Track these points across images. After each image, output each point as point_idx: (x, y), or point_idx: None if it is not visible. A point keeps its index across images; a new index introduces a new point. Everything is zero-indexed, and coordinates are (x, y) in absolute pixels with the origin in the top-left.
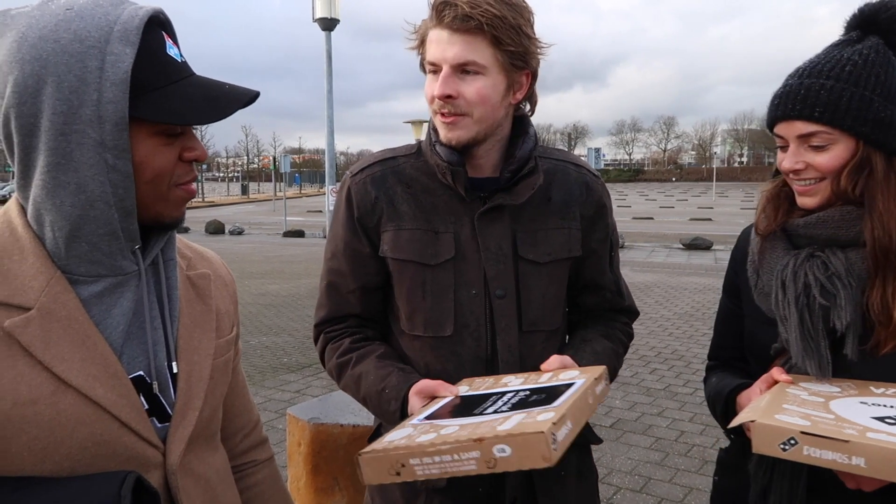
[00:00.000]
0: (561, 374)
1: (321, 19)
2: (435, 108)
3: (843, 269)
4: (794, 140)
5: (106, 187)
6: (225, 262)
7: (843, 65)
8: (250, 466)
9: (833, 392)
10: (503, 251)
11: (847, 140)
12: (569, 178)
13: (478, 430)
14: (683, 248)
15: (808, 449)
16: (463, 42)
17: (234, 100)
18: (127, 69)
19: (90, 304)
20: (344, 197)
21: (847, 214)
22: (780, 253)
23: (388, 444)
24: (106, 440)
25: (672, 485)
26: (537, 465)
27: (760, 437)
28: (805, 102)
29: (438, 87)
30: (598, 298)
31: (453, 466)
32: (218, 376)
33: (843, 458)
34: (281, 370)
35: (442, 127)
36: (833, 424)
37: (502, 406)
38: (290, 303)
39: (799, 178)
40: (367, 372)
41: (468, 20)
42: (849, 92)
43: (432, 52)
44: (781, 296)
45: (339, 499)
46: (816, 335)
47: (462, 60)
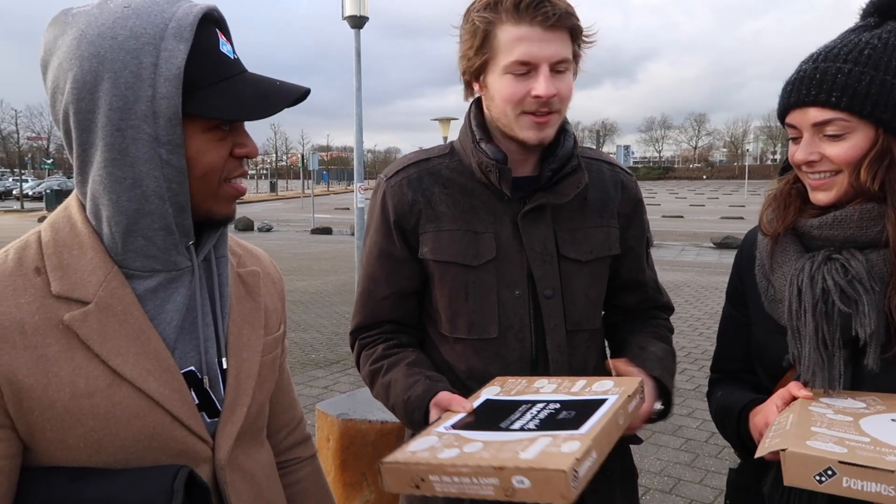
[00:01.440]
0: (595, 383)
1: (350, 17)
2: (529, 108)
3: (864, 273)
4: (807, 129)
5: (160, 182)
6: (273, 261)
7: (861, 48)
8: (294, 463)
9: (859, 408)
10: (548, 251)
11: (866, 128)
12: (604, 177)
13: (501, 453)
14: (714, 247)
15: (847, 480)
16: (558, 40)
17: (284, 96)
18: (180, 65)
19: (145, 298)
20: (379, 201)
21: (867, 213)
22: (793, 256)
23: (410, 454)
24: (158, 433)
25: (702, 486)
26: (556, 501)
27: (793, 469)
28: (820, 87)
29: (545, 86)
30: (640, 296)
31: (471, 489)
32: (266, 373)
33: (889, 491)
34: (309, 366)
35: (533, 128)
36: (872, 451)
37: (530, 421)
38: (318, 299)
39: (813, 170)
40: (395, 380)
41: (567, 18)
42: (868, 76)
43: (526, 50)
44: (797, 304)
45: (367, 494)
46: (832, 346)
47: (560, 58)
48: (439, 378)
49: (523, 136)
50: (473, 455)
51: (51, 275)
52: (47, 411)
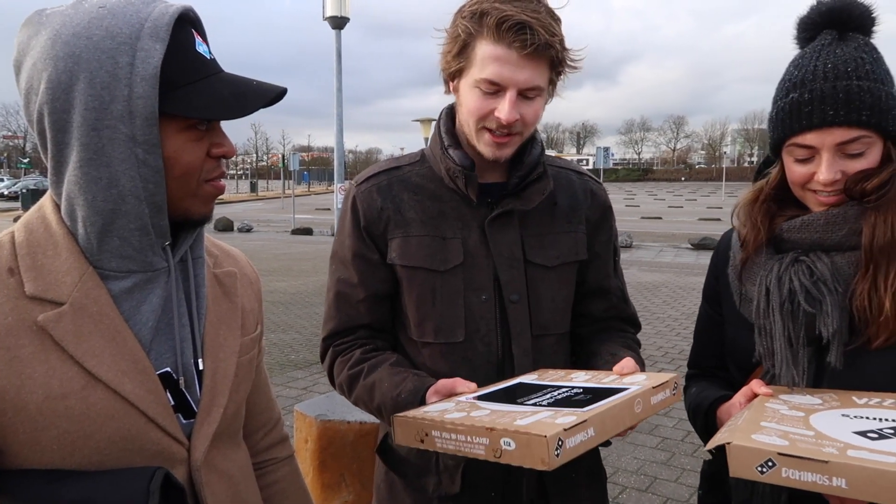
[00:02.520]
0: (627, 377)
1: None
2: (490, 125)
3: (828, 274)
4: (829, 149)
5: (137, 182)
6: (251, 261)
7: (860, 64)
8: (271, 464)
9: (814, 405)
10: (514, 256)
11: (879, 142)
12: (573, 185)
13: (500, 419)
14: (692, 248)
15: (786, 471)
16: (532, 67)
17: (261, 95)
18: (157, 65)
19: (120, 299)
20: (349, 206)
21: (832, 218)
22: (764, 258)
23: (423, 413)
24: (133, 435)
25: (678, 484)
26: (536, 465)
27: (737, 461)
28: (849, 107)
29: (508, 111)
30: (605, 304)
31: (465, 447)
32: (242, 374)
33: (824, 480)
34: (288, 367)
35: (491, 146)
36: (812, 443)
37: (545, 399)
38: (298, 300)
39: (831, 189)
40: (380, 380)
41: (548, 50)
42: (883, 91)
43: (497, 72)
44: (765, 303)
45: (345, 495)
46: (797, 344)
47: (531, 85)
48: (425, 375)
49: (481, 149)
50: (475, 418)
51: (24, 275)
52: (20, 413)
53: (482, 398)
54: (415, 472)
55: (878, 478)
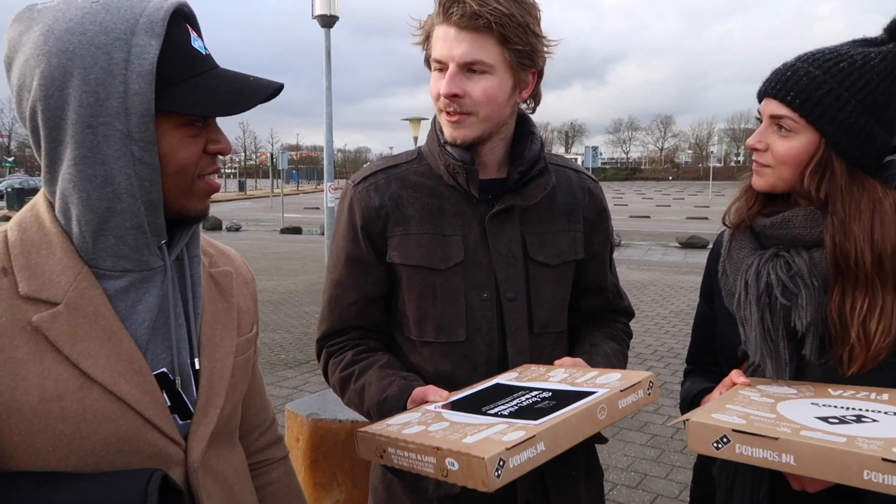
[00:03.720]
0: (602, 376)
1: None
2: (441, 105)
3: (805, 269)
4: (766, 118)
5: (132, 180)
6: (245, 261)
7: (839, 60)
8: (266, 464)
9: (787, 394)
10: (513, 253)
11: (810, 134)
12: (571, 183)
13: (450, 435)
14: (680, 247)
15: (739, 447)
16: (470, 40)
17: (258, 91)
18: (153, 60)
19: (116, 299)
20: (346, 206)
21: (811, 215)
22: (747, 252)
23: (384, 427)
24: (130, 436)
25: (668, 481)
26: (478, 487)
27: (694, 436)
28: (784, 84)
29: (445, 85)
30: (601, 300)
31: (417, 465)
32: (239, 374)
33: (774, 456)
34: (279, 366)
35: (447, 125)
36: (769, 423)
37: (509, 408)
38: (288, 299)
39: (757, 157)
40: (369, 383)
41: (476, 18)
42: (827, 86)
43: (438, 49)
44: (744, 296)
45: (337, 494)
46: (776, 336)
47: (469, 59)
48: (413, 377)
49: (446, 133)
50: (429, 434)
51: (18, 275)
52: (15, 415)
53: (451, 406)
54: (413, 473)
55: (825, 455)
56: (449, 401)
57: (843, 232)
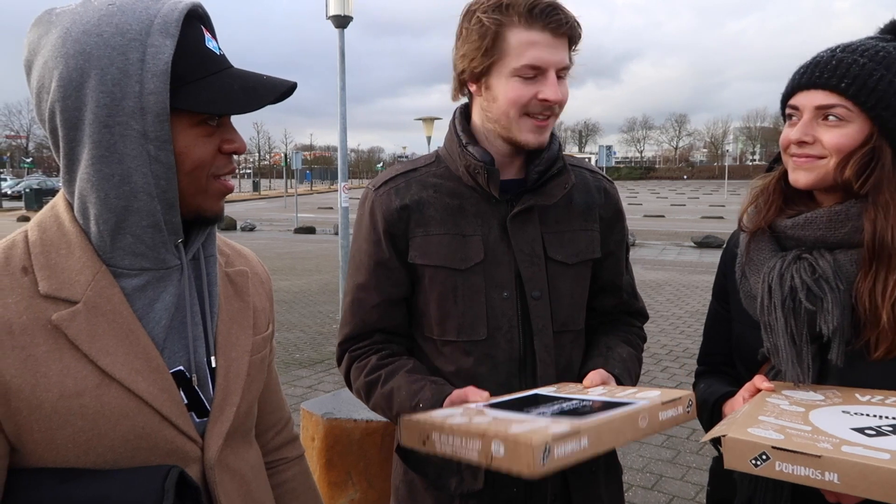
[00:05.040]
0: (643, 392)
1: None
2: (532, 110)
3: (830, 272)
4: (809, 111)
5: (149, 178)
6: (261, 261)
7: (877, 49)
8: (282, 463)
9: (816, 401)
10: (536, 253)
11: (863, 122)
12: (587, 182)
13: (497, 425)
14: (695, 246)
15: (780, 465)
16: (563, 46)
17: (271, 90)
18: (167, 60)
19: (133, 297)
20: (367, 210)
21: (835, 216)
22: (767, 255)
23: (427, 416)
24: (147, 433)
25: (684, 482)
26: (522, 472)
27: (732, 453)
28: (834, 72)
29: (555, 92)
30: (616, 300)
31: (461, 451)
32: (254, 373)
33: (817, 474)
34: (293, 366)
35: (533, 131)
36: (808, 438)
37: (552, 410)
38: (302, 299)
39: (801, 152)
40: (398, 388)
41: (575, 28)
42: (879, 73)
43: (537, 55)
44: (767, 300)
45: (352, 493)
46: (800, 341)
47: (564, 65)
48: (443, 382)
49: (523, 138)
50: (474, 423)
51: (38, 274)
52: (35, 412)
53: (492, 406)
54: (436, 471)
55: (870, 473)
56: (491, 402)
57: (884, 216)
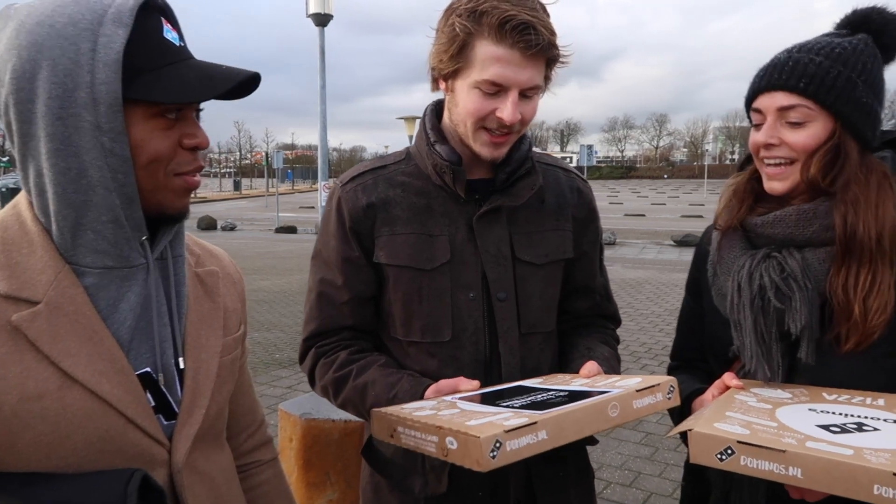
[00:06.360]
0: (623, 380)
1: (315, 15)
2: (489, 125)
3: (798, 271)
4: (772, 113)
5: (105, 172)
6: (234, 261)
7: (832, 46)
8: (254, 466)
9: (783, 398)
10: (502, 253)
11: (826, 119)
12: (560, 182)
13: (458, 418)
14: (675, 245)
15: (745, 459)
16: (534, 67)
17: (229, 78)
18: (119, 50)
19: (97, 297)
20: (334, 206)
21: (803, 214)
22: (738, 252)
23: (398, 409)
24: (112, 436)
25: (661, 479)
26: (473, 466)
27: (697, 447)
28: (792, 73)
29: (512, 113)
30: (589, 302)
31: (421, 444)
32: (225, 374)
33: (780, 469)
34: (273, 366)
35: (488, 145)
36: (773, 433)
37: (522, 402)
38: (282, 299)
39: (770, 155)
40: (372, 381)
41: (549, 49)
42: (836, 70)
43: (500, 73)
44: (737, 299)
45: (330, 493)
46: (769, 339)
47: (532, 85)
48: (420, 375)
49: (478, 150)
50: (437, 416)
51: None
52: None
53: (470, 399)
54: (401, 473)
55: (833, 468)
56: (475, 393)
57: (854, 211)
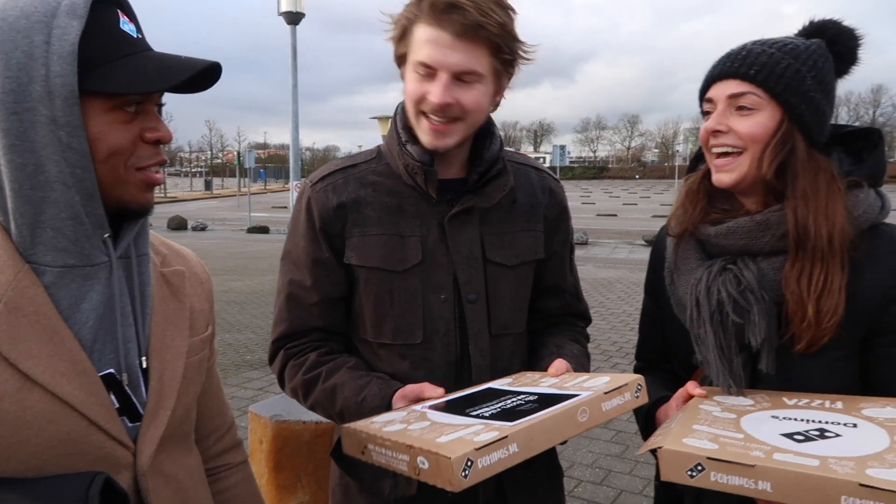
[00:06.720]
0: (591, 380)
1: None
2: (425, 109)
3: (755, 282)
4: (723, 101)
5: (62, 167)
6: (202, 261)
7: (786, 42)
8: (224, 469)
9: (746, 406)
10: (473, 255)
11: (773, 109)
12: (531, 182)
13: (428, 434)
14: (646, 245)
15: (714, 475)
16: (466, 50)
17: (189, 67)
18: (73, 42)
19: (58, 296)
20: (304, 206)
21: (756, 225)
22: (694, 263)
23: (368, 423)
24: (74, 439)
25: (632, 476)
26: (446, 486)
27: (668, 465)
28: (744, 61)
29: (440, 95)
30: (560, 301)
31: (392, 462)
32: (191, 375)
33: (750, 484)
34: (244, 367)
35: (429, 133)
36: (741, 446)
37: (491, 410)
38: (254, 299)
39: (718, 142)
40: (342, 384)
41: (479, 30)
42: (787, 61)
43: (429, 54)
44: (696, 314)
45: (301, 496)
46: (730, 353)
47: (465, 69)
48: (389, 378)
49: (421, 137)
50: (408, 432)
51: None
52: None
53: (437, 407)
54: (371, 475)
55: (802, 481)
56: (441, 400)
57: (804, 205)
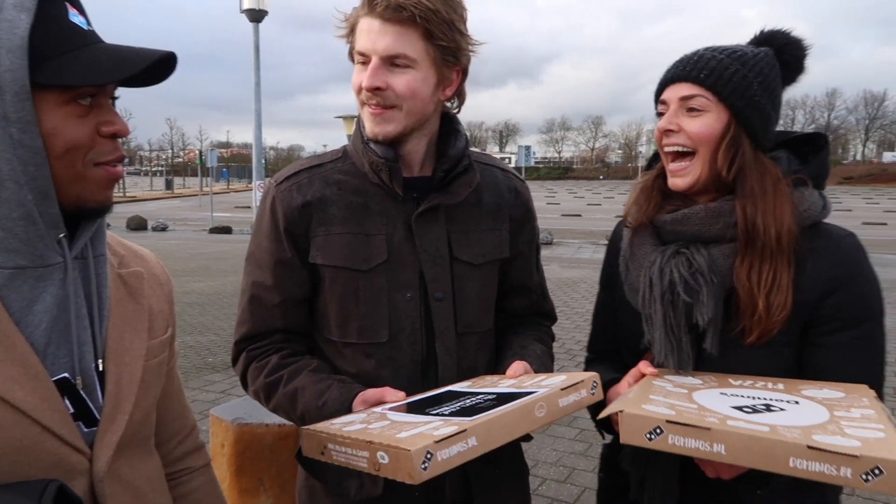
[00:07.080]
0: (549, 378)
1: (249, 10)
2: (363, 98)
3: (706, 266)
4: (675, 102)
5: (14, 165)
6: (161, 262)
7: (735, 49)
8: (185, 473)
9: (696, 384)
10: (440, 253)
11: (721, 112)
12: (497, 182)
13: (388, 431)
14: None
15: (672, 438)
16: (394, 33)
17: (143, 58)
18: (23, 35)
19: (9, 299)
20: (268, 206)
21: (710, 212)
22: (649, 249)
23: (327, 425)
24: (26, 446)
25: (595, 474)
26: (406, 479)
27: (628, 428)
28: (696, 66)
29: (367, 78)
30: (526, 301)
31: (353, 460)
32: (150, 378)
33: (706, 446)
34: (206, 370)
35: (369, 120)
36: (696, 413)
37: (451, 408)
38: (216, 301)
39: (670, 142)
40: (302, 387)
41: (401, 11)
42: (734, 67)
43: (362, 41)
44: (648, 293)
45: (264, 499)
46: (679, 331)
47: (392, 52)
48: (350, 381)
49: (366, 127)
50: (367, 431)
51: None
52: None
53: (398, 409)
54: (336, 477)
55: (753, 444)
56: (402, 402)
57: (752, 204)
